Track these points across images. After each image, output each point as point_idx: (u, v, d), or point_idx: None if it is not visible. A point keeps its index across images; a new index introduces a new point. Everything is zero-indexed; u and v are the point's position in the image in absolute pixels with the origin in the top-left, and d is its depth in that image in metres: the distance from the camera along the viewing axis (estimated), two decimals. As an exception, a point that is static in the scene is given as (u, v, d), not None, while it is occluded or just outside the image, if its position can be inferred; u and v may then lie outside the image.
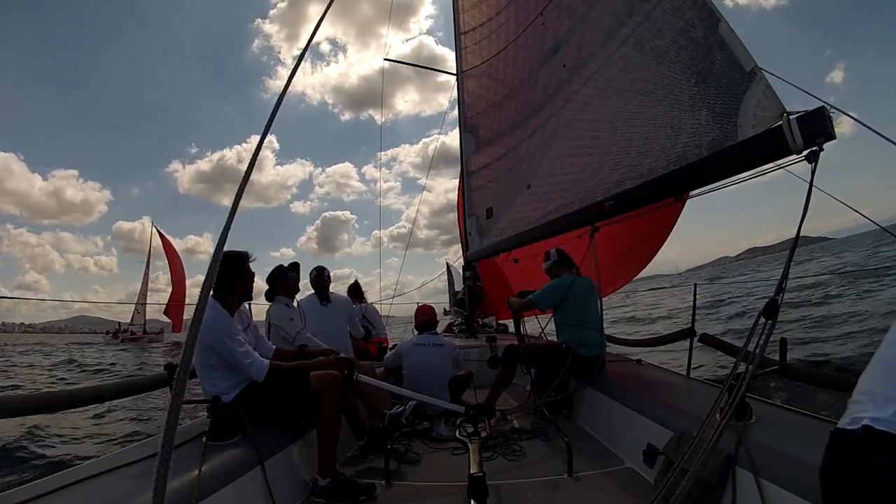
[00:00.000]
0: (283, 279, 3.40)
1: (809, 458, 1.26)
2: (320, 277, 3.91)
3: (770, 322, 1.56)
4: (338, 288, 4.43)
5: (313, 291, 3.93)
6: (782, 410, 1.95)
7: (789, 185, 1.73)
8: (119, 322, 41.43)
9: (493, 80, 5.16)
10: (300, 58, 1.06)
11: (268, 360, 2.17)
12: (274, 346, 2.55)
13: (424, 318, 3.71)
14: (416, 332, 3.74)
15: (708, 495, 1.53)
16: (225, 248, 0.75)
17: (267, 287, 3.41)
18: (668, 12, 2.41)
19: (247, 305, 2.45)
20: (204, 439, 1.82)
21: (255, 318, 2.50)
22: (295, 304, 3.46)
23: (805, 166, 1.64)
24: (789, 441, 1.51)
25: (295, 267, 3.54)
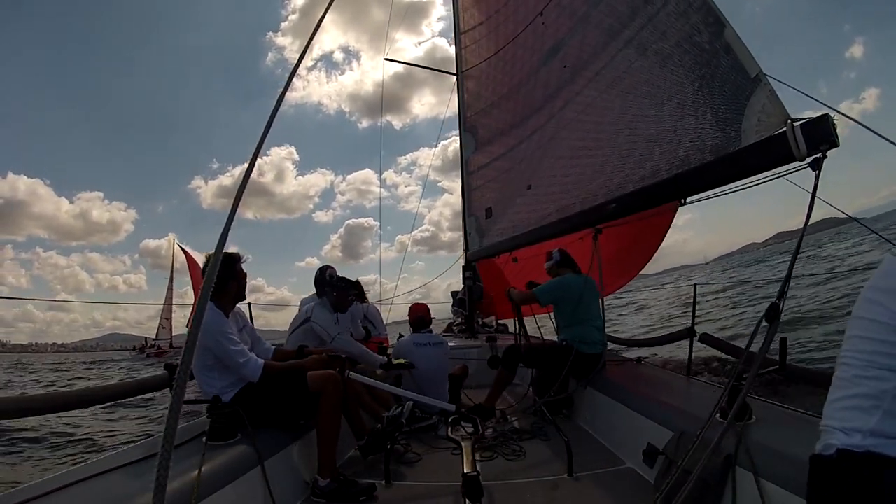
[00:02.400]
0: (343, 293, 3.38)
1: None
2: (322, 276, 3.91)
3: (771, 326, 1.57)
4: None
5: (314, 291, 3.94)
6: (782, 410, 1.95)
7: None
8: (146, 338, 42.25)
9: (492, 80, 5.15)
10: (302, 54, 1.05)
11: (262, 360, 2.18)
12: (273, 347, 2.55)
13: (419, 315, 3.70)
14: (411, 331, 3.73)
15: (708, 495, 1.53)
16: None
17: (323, 288, 3.39)
18: (672, 16, 2.41)
19: (245, 308, 2.46)
20: (204, 439, 1.82)
21: (260, 318, 2.50)
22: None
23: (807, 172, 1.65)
24: (789, 441, 1.51)
25: (357, 294, 3.65)
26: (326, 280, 3.40)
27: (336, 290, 3.34)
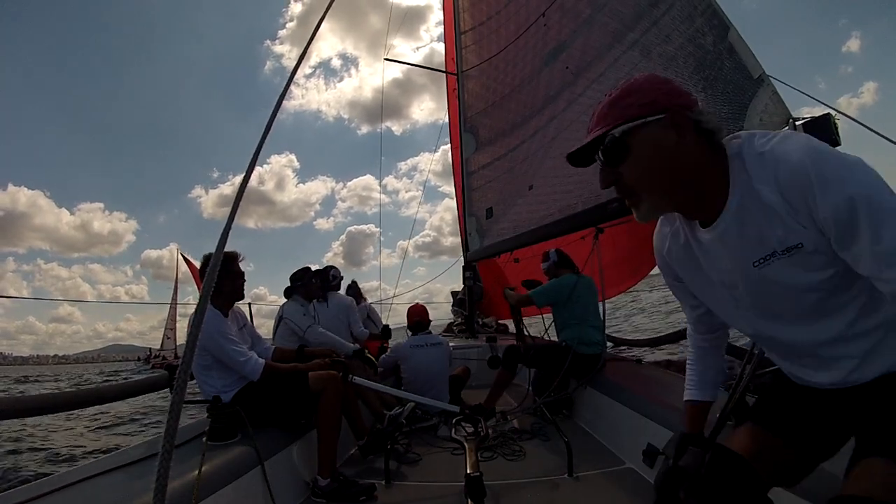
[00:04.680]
0: (306, 282, 3.48)
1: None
2: (324, 277, 3.95)
3: None
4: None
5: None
6: None
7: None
8: (150, 348, 42.50)
9: (493, 80, 5.16)
10: (299, 61, 1.04)
11: (263, 360, 2.18)
12: (273, 347, 2.55)
13: (417, 318, 3.69)
14: (409, 334, 3.72)
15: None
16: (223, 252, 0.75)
17: (289, 285, 3.52)
18: (677, 19, 2.43)
19: (246, 307, 2.47)
20: (204, 439, 1.82)
21: (263, 328, 2.52)
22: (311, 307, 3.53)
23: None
24: None
25: (321, 273, 3.72)
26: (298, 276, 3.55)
27: (300, 282, 3.46)
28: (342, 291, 4.25)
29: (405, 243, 8.49)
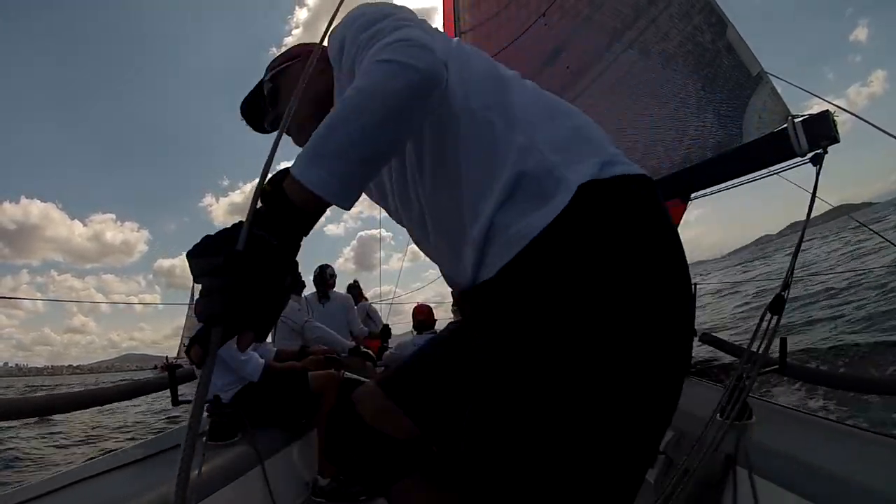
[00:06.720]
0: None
1: (809, 458, 1.26)
2: (322, 275, 3.95)
3: (776, 318, 1.57)
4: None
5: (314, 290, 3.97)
6: (782, 410, 1.95)
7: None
8: (167, 356, 42.51)
9: (493, 81, 5.16)
10: (309, 64, 1.04)
11: (263, 360, 2.18)
12: (275, 349, 2.55)
13: (422, 318, 3.71)
14: (414, 333, 3.73)
15: (707, 495, 1.53)
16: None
17: (325, 287, 3.64)
18: (675, 17, 2.44)
19: None
20: (204, 439, 1.82)
21: None
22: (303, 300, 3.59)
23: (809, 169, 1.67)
24: (789, 441, 1.51)
25: (318, 271, 3.83)
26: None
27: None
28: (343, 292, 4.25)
29: (412, 245, 8.49)
